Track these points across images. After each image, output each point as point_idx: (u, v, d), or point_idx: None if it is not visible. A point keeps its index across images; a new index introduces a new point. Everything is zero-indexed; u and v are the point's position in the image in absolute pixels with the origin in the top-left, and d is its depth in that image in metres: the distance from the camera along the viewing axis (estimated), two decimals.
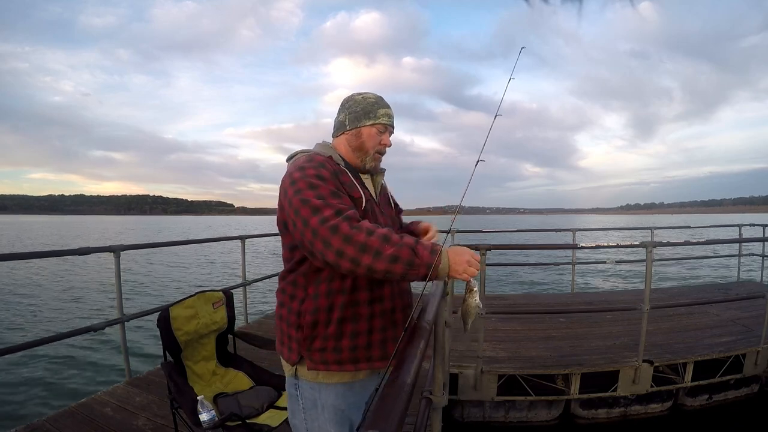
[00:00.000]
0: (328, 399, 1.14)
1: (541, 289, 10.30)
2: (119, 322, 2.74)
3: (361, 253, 0.93)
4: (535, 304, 5.53)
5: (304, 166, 1.09)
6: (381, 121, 1.22)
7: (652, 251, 3.00)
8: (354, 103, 1.23)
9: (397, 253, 0.93)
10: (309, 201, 1.00)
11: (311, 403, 1.15)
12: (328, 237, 0.95)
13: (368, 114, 1.21)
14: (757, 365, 3.41)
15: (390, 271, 0.94)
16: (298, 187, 1.04)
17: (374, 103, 1.23)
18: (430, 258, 0.94)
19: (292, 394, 1.20)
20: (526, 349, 3.51)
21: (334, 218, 0.96)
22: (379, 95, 1.26)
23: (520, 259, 12.10)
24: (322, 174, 1.07)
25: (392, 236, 0.95)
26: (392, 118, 1.25)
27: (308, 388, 1.15)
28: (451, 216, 1.40)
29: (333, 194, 1.03)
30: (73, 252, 2.51)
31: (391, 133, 1.27)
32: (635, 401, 3.32)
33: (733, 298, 4.95)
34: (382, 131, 1.23)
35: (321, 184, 1.04)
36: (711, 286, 6.43)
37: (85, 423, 2.24)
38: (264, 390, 1.98)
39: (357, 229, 0.95)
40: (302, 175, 1.06)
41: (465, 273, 0.99)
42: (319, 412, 1.15)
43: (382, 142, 1.24)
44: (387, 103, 1.25)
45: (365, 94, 1.25)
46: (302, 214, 1.00)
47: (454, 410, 3.25)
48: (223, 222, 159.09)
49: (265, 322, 4.57)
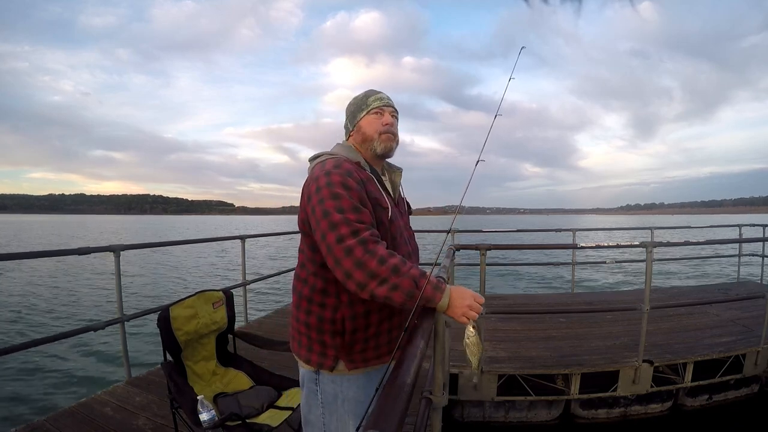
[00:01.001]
0: (349, 391, 1.15)
1: (541, 289, 10.30)
2: (119, 321, 2.74)
3: (369, 279, 0.96)
4: (535, 304, 5.52)
5: (330, 171, 1.08)
6: (373, 106, 1.23)
7: (652, 251, 3.00)
8: (349, 105, 1.28)
9: (399, 283, 0.95)
10: (329, 214, 1.01)
11: (332, 397, 1.16)
12: (341, 257, 0.97)
13: (360, 107, 1.25)
14: (757, 365, 3.41)
15: (390, 298, 0.96)
16: (322, 195, 1.04)
17: (364, 96, 1.26)
18: (432, 293, 0.98)
19: (311, 389, 1.20)
20: (526, 349, 3.51)
21: (350, 239, 0.98)
22: (371, 89, 1.29)
23: (521, 259, 12.10)
24: (348, 183, 1.06)
25: (402, 267, 0.97)
26: (385, 99, 1.24)
27: (329, 382, 1.16)
28: (452, 216, 1.41)
29: (354, 209, 1.03)
30: (73, 252, 2.51)
31: (393, 114, 1.25)
32: (635, 401, 3.32)
33: (733, 298, 4.95)
34: (380, 113, 1.23)
35: (344, 195, 1.04)
36: (711, 286, 6.42)
37: (85, 423, 2.23)
38: (264, 390, 1.98)
39: (370, 255, 0.96)
40: (328, 181, 1.06)
41: (464, 316, 1.01)
42: (339, 405, 1.15)
43: (383, 122, 1.22)
44: (378, 91, 1.27)
45: (358, 94, 1.28)
46: (321, 226, 1.02)
47: (454, 410, 3.25)
48: (224, 222, 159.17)
49: (265, 322, 4.57)
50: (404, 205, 1.37)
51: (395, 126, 1.25)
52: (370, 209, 1.08)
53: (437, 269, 1.48)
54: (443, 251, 2.08)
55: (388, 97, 1.26)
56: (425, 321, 0.95)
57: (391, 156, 1.27)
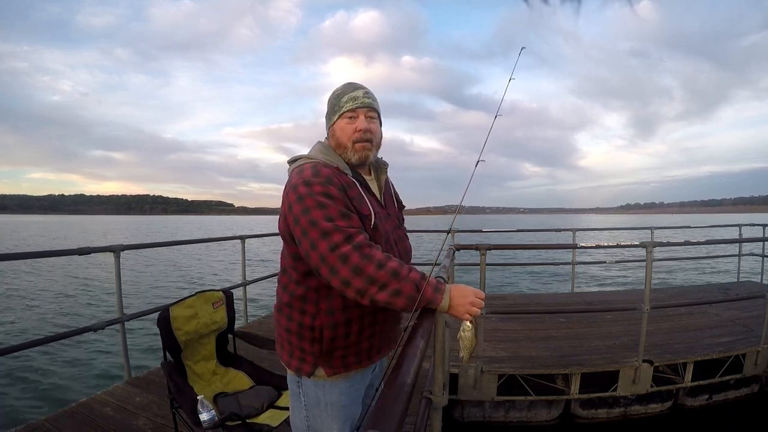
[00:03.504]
0: (331, 396, 1.14)
1: (541, 289, 10.30)
2: (119, 321, 2.74)
3: (369, 285, 0.93)
4: (535, 304, 5.53)
5: (311, 181, 1.01)
6: (345, 108, 1.10)
7: (652, 251, 3.00)
8: (329, 100, 1.16)
9: (400, 288, 0.94)
10: (317, 223, 0.96)
11: (314, 401, 1.15)
12: (337, 266, 0.94)
13: (334, 108, 1.13)
14: (757, 365, 3.41)
15: (391, 303, 0.95)
16: (306, 205, 0.98)
17: (339, 94, 1.13)
18: (432, 295, 0.96)
19: (294, 392, 1.20)
20: (526, 349, 3.51)
21: (344, 245, 0.94)
22: (349, 82, 1.17)
23: (521, 259, 12.10)
24: (330, 192, 1.00)
25: (401, 270, 0.95)
26: (360, 99, 1.11)
27: (311, 386, 1.15)
28: (451, 216, 1.40)
29: (342, 215, 0.99)
30: (73, 252, 2.51)
31: (369, 115, 1.12)
32: (635, 401, 3.32)
33: (733, 298, 4.95)
34: (353, 117, 1.11)
35: (330, 204, 0.99)
36: (711, 286, 6.42)
37: (85, 423, 2.23)
38: (264, 390, 1.98)
39: (367, 260, 0.93)
40: (309, 192, 0.99)
41: (466, 314, 1.00)
42: (322, 409, 1.15)
43: (356, 127, 1.10)
44: (354, 85, 1.14)
45: (337, 87, 1.15)
46: (310, 236, 0.97)
47: (454, 410, 3.25)
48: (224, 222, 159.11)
49: (265, 322, 4.57)
50: (393, 204, 1.29)
51: (373, 128, 1.13)
52: (356, 214, 1.04)
53: (437, 269, 1.47)
54: (443, 251, 2.08)
55: (366, 92, 1.13)
56: (425, 321, 0.95)
57: (368, 163, 1.18)
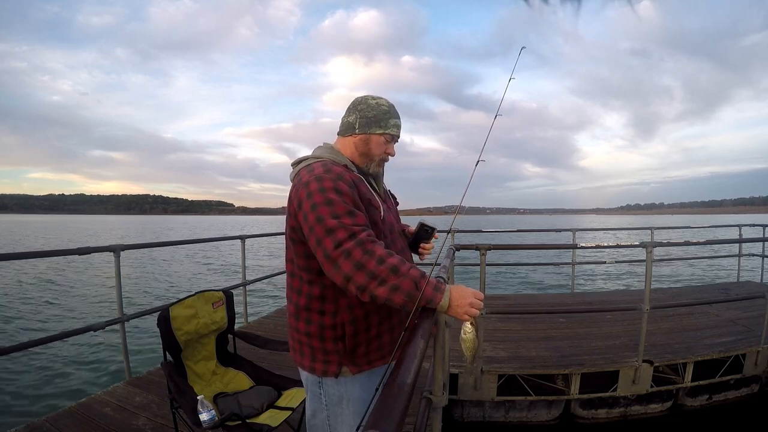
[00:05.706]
0: (353, 392, 1.15)
1: (541, 289, 10.30)
2: (119, 321, 2.74)
3: (369, 280, 0.95)
4: (535, 304, 5.52)
5: (322, 177, 1.06)
6: (390, 132, 1.22)
7: (652, 251, 2.99)
8: (367, 108, 1.21)
9: (399, 284, 0.95)
10: (324, 220, 1.00)
11: (336, 399, 1.16)
12: (340, 262, 0.97)
13: (379, 122, 1.21)
14: (757, 365, 3.41)
15: (390, 299, 0.96)
16: (314, 201, 1.03)
17: (386, 112, 1.22)
18: (432, 294, 0.97)
19: (314, 393, 1.19)
20: (526, 349, 3.51)
21: (348, 242, 0.98)
22: (391, 103, 1.26)
23: (521, 259, 12.10)
24: (340, 187, 1.05)
25: (401, 267, 0.97)
26: (400, 128, 1.26)
27: (333, 384, 1.15)
28: (452, 216, 1.41)
29: (349, 213, 1.02)
30: (73, 252, 2.51)
31: (396, 142, 1.28)
32: (635, 401, 3.32)
33: (733, 298, 4.95)
34: (389, 141, 1.24)
35: (338, 200, 1.03)
36: (711, 286, 6.43)
37: (85, 423, 2.23)
38: (264, 390, 1.98)
39: (369, 256, 0.96)
40: (319, 187, 1.04)
41: (465, 314, 1.01)
42: (345, 407, 1.15)
43: (388, 151, 1.25)
44: (398, 113, 1.25)
45: (379, 100, 1.24)
46: (316, 232, 1.01)
47: (454, 410, 3.25)
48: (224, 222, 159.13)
49: (265, 322, 4.57)
50: (391, 199, 1.37)
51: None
52: (363, 211, 1.08)
53: (437, 269, 1.47)
54: (443, 251, 2.08)
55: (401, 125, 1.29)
56: (425, 321, 0.95)
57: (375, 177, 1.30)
